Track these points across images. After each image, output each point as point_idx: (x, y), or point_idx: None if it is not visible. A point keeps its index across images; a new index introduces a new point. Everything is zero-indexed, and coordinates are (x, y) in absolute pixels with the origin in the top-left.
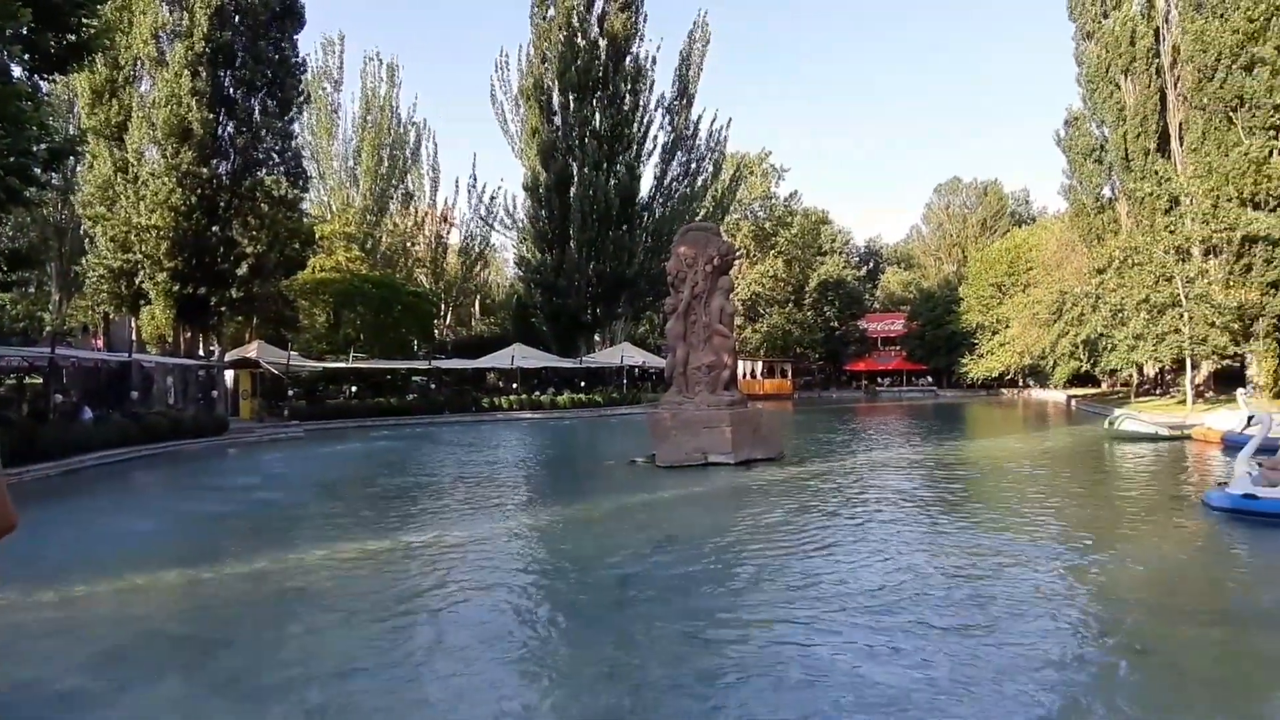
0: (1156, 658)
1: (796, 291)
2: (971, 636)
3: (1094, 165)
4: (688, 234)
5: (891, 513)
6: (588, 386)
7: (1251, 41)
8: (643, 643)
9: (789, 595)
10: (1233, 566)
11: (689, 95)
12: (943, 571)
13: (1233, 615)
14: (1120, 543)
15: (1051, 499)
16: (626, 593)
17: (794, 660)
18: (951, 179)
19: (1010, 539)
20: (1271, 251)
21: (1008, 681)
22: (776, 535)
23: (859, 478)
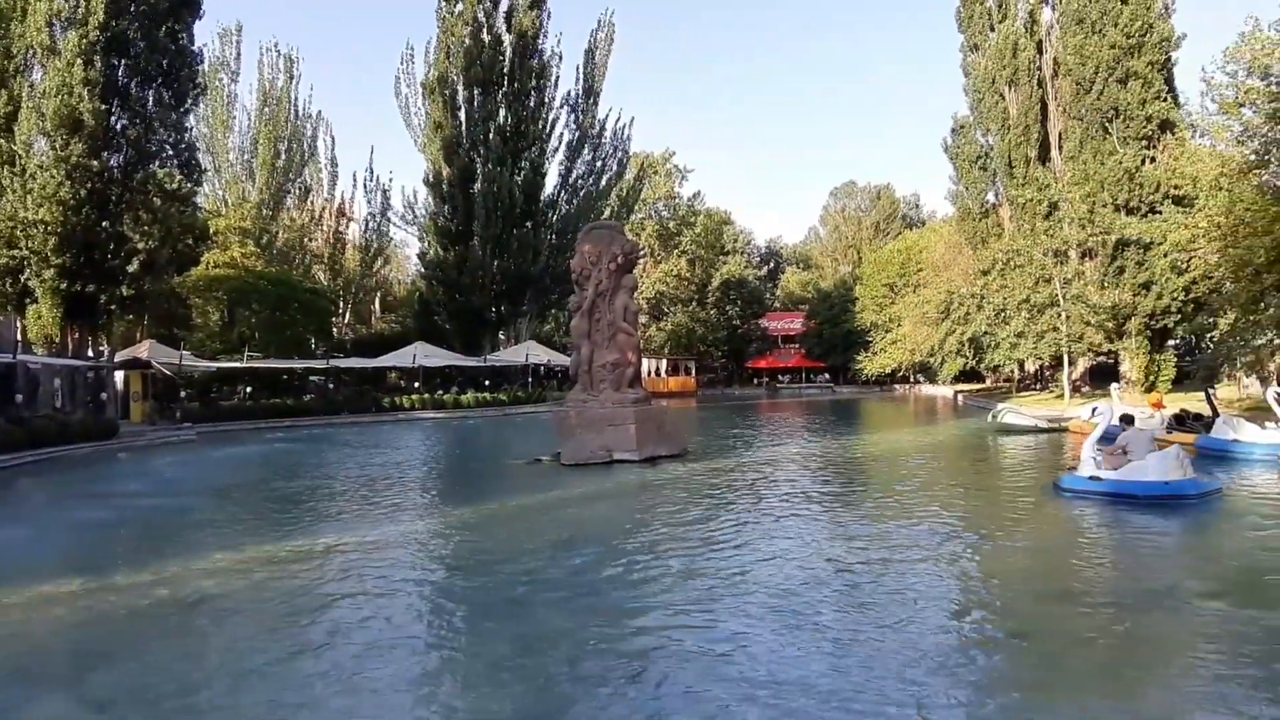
0: (1033, 641)
1: (700, 290)
2: (863, 625)
3: (979, 172)
4: (592, 232)
5: (791, 506)
6: (492, 385)
7: (1127, 56)
8: (546, 643)
9: (693, 592)
10: (1100, 549)
11: (594, 93)
12: (838, 563)
13: (1102, 597)
14: (998, 529)
15: (937, 489)
16: (530, 593)
17: (699, 657)
18: (847, 183)
19: (899, 528)
20: (1142, 254)
21: (898, 668)
22: (681, 532)
23: (761, 473)
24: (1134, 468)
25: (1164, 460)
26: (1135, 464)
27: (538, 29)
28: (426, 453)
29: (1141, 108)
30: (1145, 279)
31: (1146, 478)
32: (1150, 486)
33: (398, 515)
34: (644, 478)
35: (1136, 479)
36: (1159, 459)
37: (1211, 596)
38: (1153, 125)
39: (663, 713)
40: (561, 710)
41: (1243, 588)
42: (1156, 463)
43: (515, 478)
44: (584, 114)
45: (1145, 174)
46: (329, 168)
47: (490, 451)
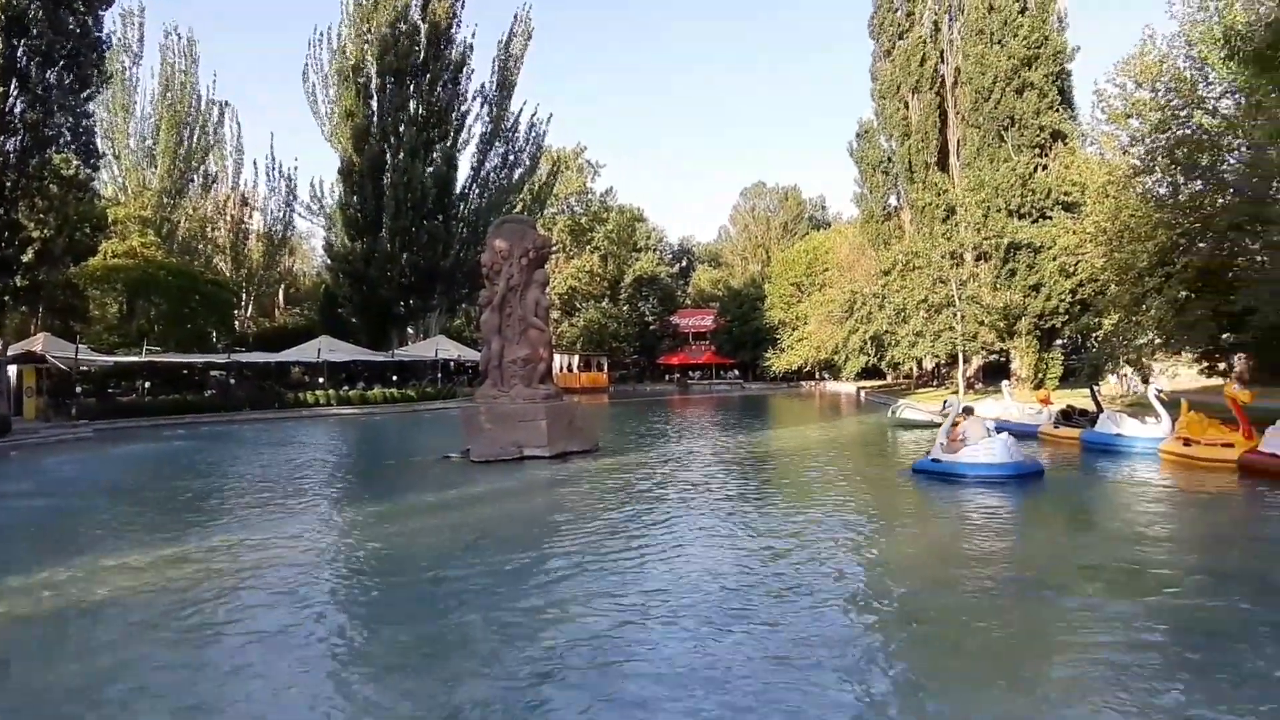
0: (929, 627)
1: (612, 287)
2: (767, 615)
3: (882, 176)
4: (503, 226)
5: (699, 500)
6: (400, 381)
7: (1024, 67)
8: (454, 642)
9: (603, 589)
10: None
11: (509, 87)
12: (743, 555)
13: (992, 583)
14: (891, 517)
15: (839, 480)
16: (437, 592)
17: (608, 654)
18: (756, 183)
19: (801, 519)
20: (1033, 258)
21: (803, 659)
22: (590, 528)
23: (672, 467)
24: (968, 451)
25: (993, 445)
26: (969, 449)
27: (452, 19)
28: (332, 450)
29: (1036, 117)
30: (1035, 281)
31: (978, 460)
32: (978, 467)
33: (301, 515)
34: (555, 474)
35: (969, 461)
36: (989, 444)
37: (1078, 580)
38: (1045, 134)
39: (571, 710)
40: (468, 710)
41: (1106, 571)
42: (987, 448)
43: (423, 475)
44: (498, 107)
45: (1037, 181)
46: (233, 155)
47: (398, 449)
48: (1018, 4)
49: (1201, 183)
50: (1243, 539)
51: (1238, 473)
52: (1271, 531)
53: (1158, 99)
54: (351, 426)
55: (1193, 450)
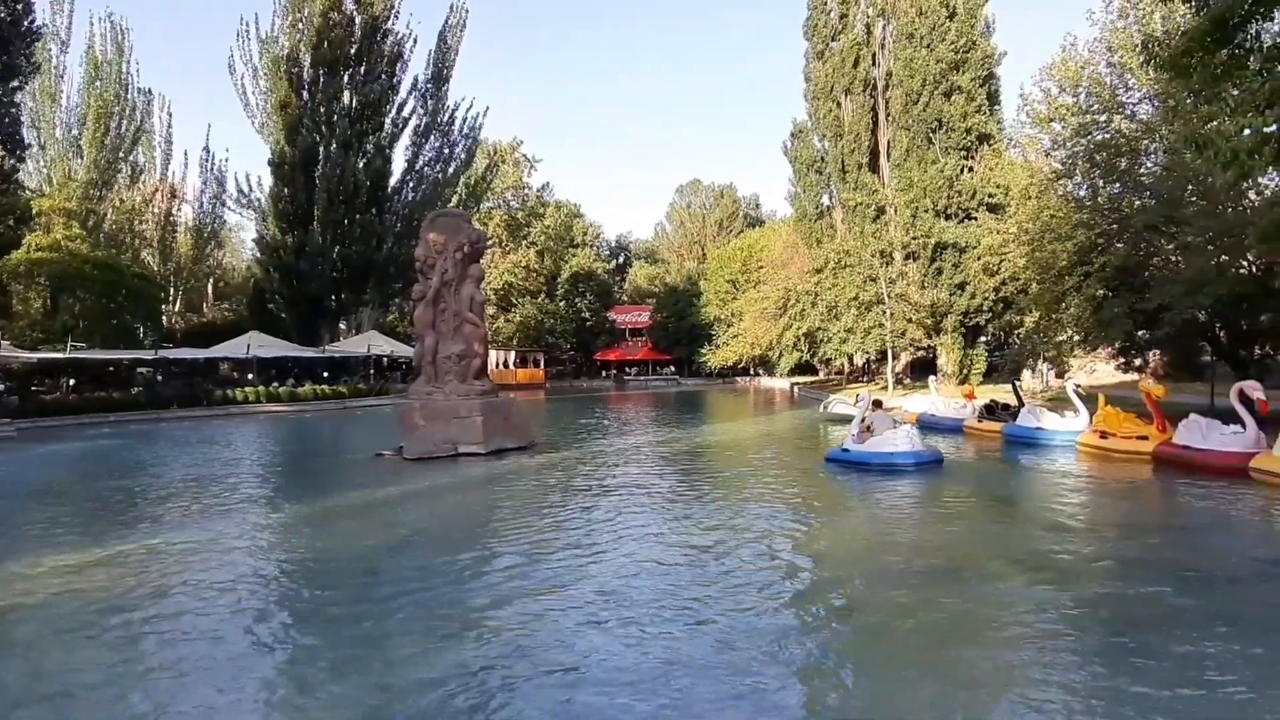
0: (862, 615)
1: (549, 282)
2: (703, 610)
3: (815, 175)
4: (437, 220)
5: (635, 496)
6: (332, 377)
7: (952, 71)
8: (388, 642)
9: (539, 587)
10: (920, 525)
11: (444, 79)
12: (678, 549)
13: (921, 571)
14: (828, 511)
15: (772, 474)
16: (371, 591)
17: (544, 653)
18: (692, 181)
19: (734, 512)
20: (958, 257)
21: (740, 652)
22: (526, 526)
23: (607, 463)
24: (875, 442)
25: (898, 436)
26: (876, 439)
27: (389, 10)
28: (262, 449)
29: (963, 120)
30: (961, 280)
31: (883, 449)
32: (885, 457)
33: (231, 515)
34: (490, 471)
35: (877, 450)
36: (895, 436)
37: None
38: (972, 137)
39: (504, 710)
40: (399, 713)
41: (1022, 556)
42: (892, 438)
43: (356, 474)
44: (433, 99)
45: (963, 182)
46: (163, 146)
47: (330, 447)
48: (946, 9)
49: (1119, 185)
50: (1157, 528)
51: (1152, 464)
52: (1184, 520)
53: (1079, 104)
54: (282, 424)
55: (1109, 443)
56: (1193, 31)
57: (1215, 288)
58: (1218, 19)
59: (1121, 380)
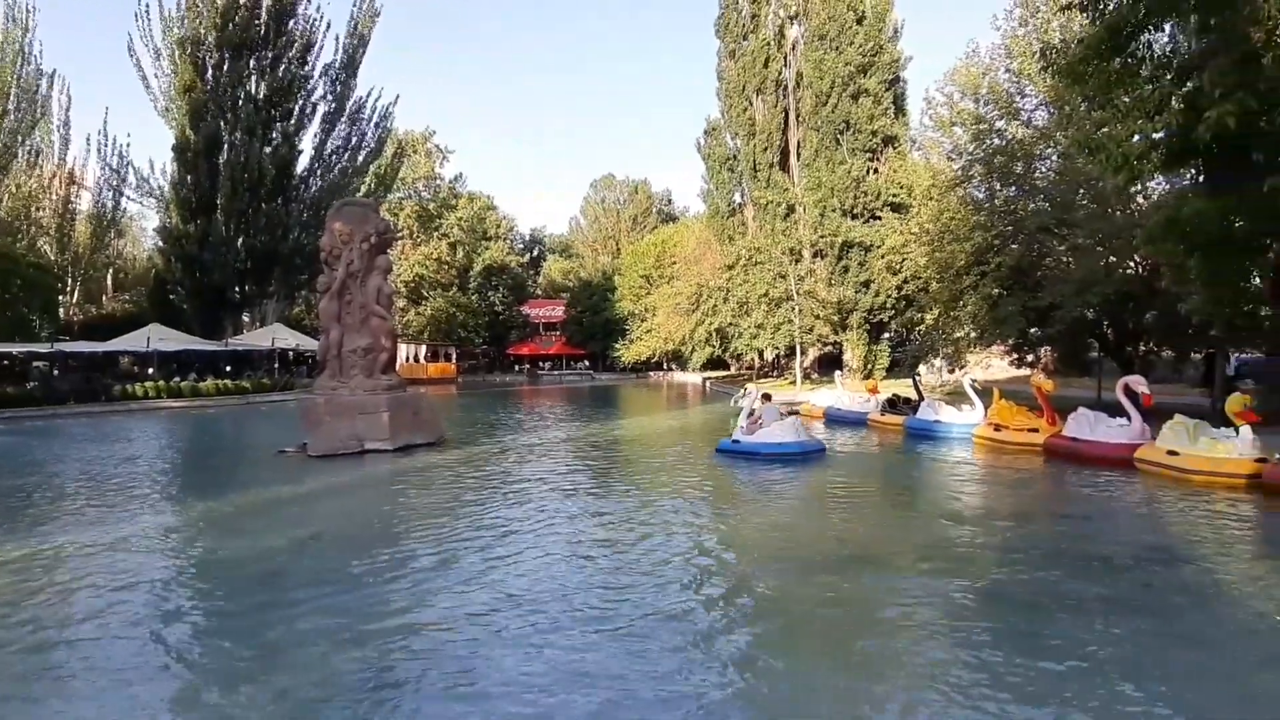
0: (771, 609)
1: (461, 275)
2: (615, 605)
3: (728, 173)
4: (343, 209)
5: (545, 491)
6: (235, 372)
7: (860, 74)
8: (288, 648)
9: (446, 590)
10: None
11: (356, 66)
12: (590, 548)
13: (824, 560)
14: (735, 503)
15: (682, 467)
16: (270, 595)
17: (449, 651)
18: (606, 175)
19: (643, 506)
20: (864, 256)
21: (651, 651)
22: (433, 525)
23: (518, 459)
24: (763, 433)
25: (784, 427)
26: (764, 430)
27: None
28: (161, 446)
29: (870, 122)
30: (866, 278)
31: (770, 440)
32: (771, 447)
33: (127, 515)
34: (397, 468)
35: (764, 441)
36: (780, 427)
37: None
38: (878, 139)
39: (412, 713)
40: (301, 718)
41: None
42: (778, 430)
43: (258, 471)
44: (343, 86)
45: (869, 183)
46: (61, 130)
47: (232, 444)
48: (854, 13)
49: (1015, 189)
50: (1048, 516)
51: (1043, 456)
52: (1074, 509)
53: (979, 109)
54: (183, 420)
55: (1003, 435)
56: (1089, 40)
57: (1103, 287)
58: (1113, 28)
59: (1015, 375)
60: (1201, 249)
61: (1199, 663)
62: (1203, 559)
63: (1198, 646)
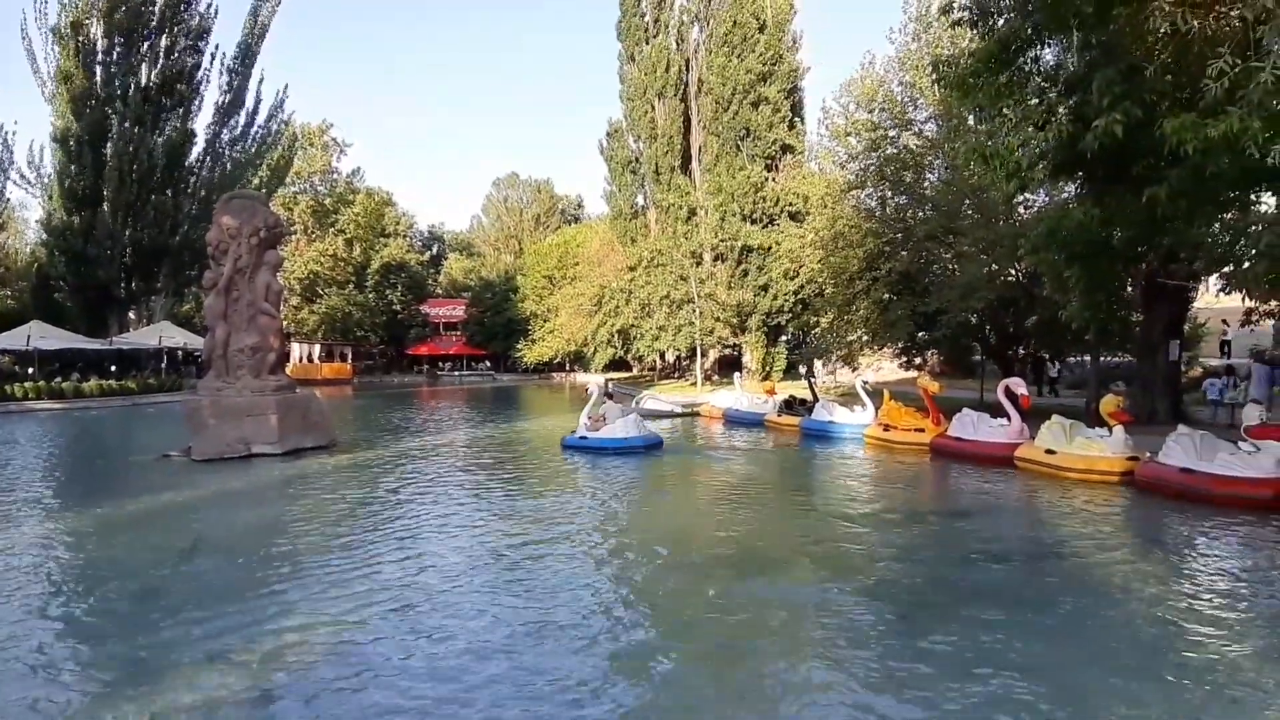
0: (663, 610)
1: (358, 273)
2: (510, 611)
3: (630, 175)
4: (232, 202)
5: (440, 496)
6: (120, 371)
7: (760, 82)
8: (166, 663)
9: (336, 601)
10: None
11: (253, 55)
12: (482, 553)
13: (716, 562)
14: (637, 502)
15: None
16: (148, 609)
17: (338, 661)
18: (509, 174)
19: (539, 509)
20: (762, 260)
21: (549, 654)
22: (322, 533)
23: (413, 463)
24: (606, 429)
25: (624, 423)
26: (608, 427)
27: None
28: (39, 450)
29: (769, 130)
30: (764, 282)
31: (614, 435)
32: (615, 441)
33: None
34: (285, 473)
35: (608, 436)
36: (622, 423)
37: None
38: (776, 146)
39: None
40: None
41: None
42: (620, 426)
43: (139, 477)
44: (238, 76)
45: (768, 190)
46: None
47: (114, 447)
48: (757, 21)
49: (905, 197)
50: (934, 513)
51: (929, 454)
52: (958, 506)
53: (873, 119)
54: (63, 423)
55: (892, 435)
56: (979, 54)
57: (986, 293)
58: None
59: (904, 377)
60: (1081, 258)
61: (1085, 654)
62: (1082, 553)
63: (1081, 638)
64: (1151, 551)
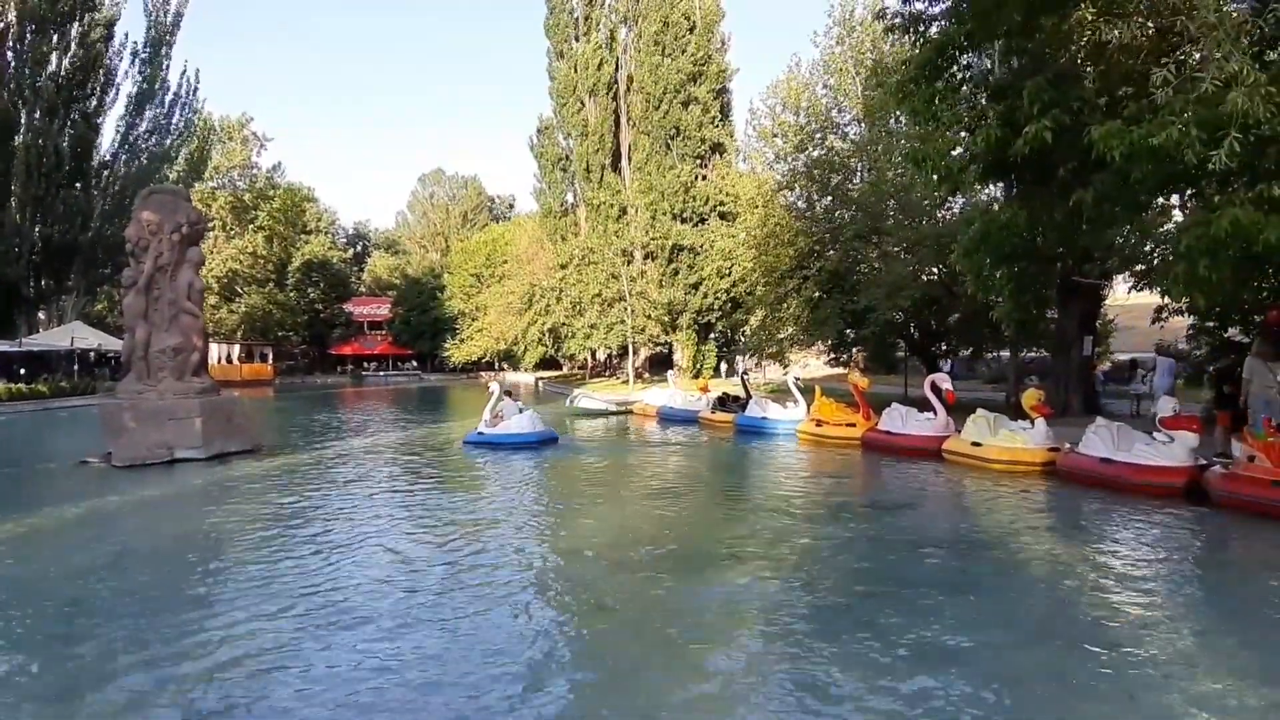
0: (604, 612)
1: (279, 271)
2: (436, 618)
3: (560, 173)
4: (152, 197)
5: (370, 501)
6: (29, 374)
7: (690, 82)
8: (86, 678)
9: (266, 607)
10: (657, 513)
11: (166, 44)
12: (412, 557)
13: (658, 560)
14: (568, 503)
15: (513, 472)
16: (69, 625)
17: (272, 673)
18: (435, 170)
19: (470, 512)
20: (693, 259)
21: (490, 658)
22: (248, 539)
23: (339, 466)
24: (505, 425)
25: (521, 421)
26: (504, 423)
27: None
28: None
29: (699, 130)
30: (695, 280)
31: (510, 431)
32: (513, 437)
33: None
34: (210, 478)
35: (507, 432)
36: (518, 420)
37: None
38: (706, 146)
39: None
40: None
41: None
42: (516, 423)
43: (55, 484)
44: (152, 66)
45: (698, 189)
46: None
47: (26, 453)
48: (688, 22)
49: (832, 198)
50: (868, 505)
51: (861, 448)
52: (893, 497)
53: (799, 121)
54: None
55: (824, 430)
56: (916, 60)
57: (911, 291)
58: (939, 48)
59: (830, 374)
60: (1008, 260)
61: (1020, 635)
62: (1011, 541)
63: (1015, 620)
64: (1076, 537)
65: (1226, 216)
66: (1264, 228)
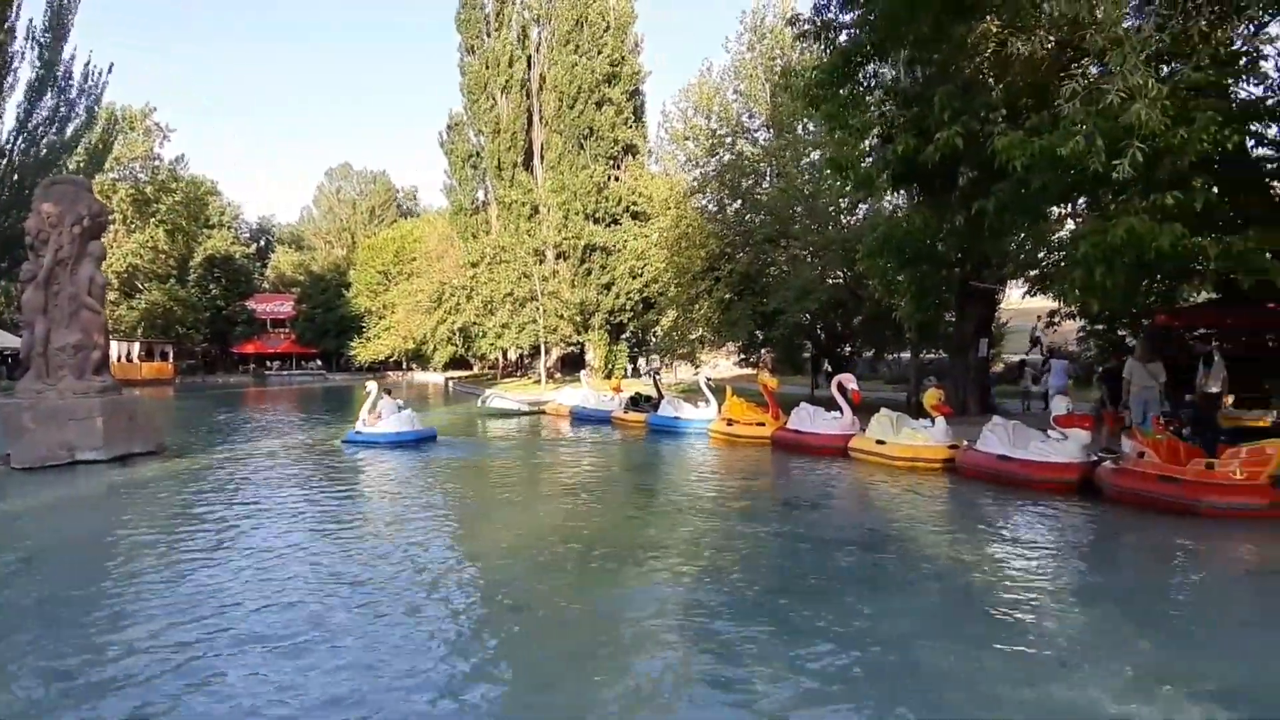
0: (524, 613)
1: (180, 266)
2: (368, 626)
3: (471, 170)
4: (53, 188)
5: (280, 504)
6: None
7: (604, 83)
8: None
9: (173, 616)
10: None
11: (65, 27)
12: (330, 562)
13: (571, 560)
14: (489, 502)
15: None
16: None
17: (179, 689)
18: (342, 164)
19: (385, 514)
20: (605, 259)
21: (406, 662)
22: (156, 544)
23: (245, 468)
24: (382, 424)
25: (399, 419)
26: (382, 422)
27: None
28: None
29: (612, 130)
30: (608, 280)
31: (387, 430)
32: (390, 435)
33: None
34: (114, 481)
35: (385, 431)
36: (395, 419)
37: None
38: (619, 147)
39: None
40: None
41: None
42: (394, 421)
43: None
44: (50, 51)
45: (611, 189)
46: None
47: None
48: (603, 22)
49: (742, 202)
50: (780, 503)
51: (770, 447)
52: (803, 494)
53: (710, 126)
54: None
55: (735, 429)
56: (825, 67)
57: (818, 294)
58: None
59: (738, 374)
60: (911, 263)
61: (931, 625)
62: (917, 534)
63: (924, 611)
64: (978, 531)
65: (1122, 225)
66: (1157, 236)
